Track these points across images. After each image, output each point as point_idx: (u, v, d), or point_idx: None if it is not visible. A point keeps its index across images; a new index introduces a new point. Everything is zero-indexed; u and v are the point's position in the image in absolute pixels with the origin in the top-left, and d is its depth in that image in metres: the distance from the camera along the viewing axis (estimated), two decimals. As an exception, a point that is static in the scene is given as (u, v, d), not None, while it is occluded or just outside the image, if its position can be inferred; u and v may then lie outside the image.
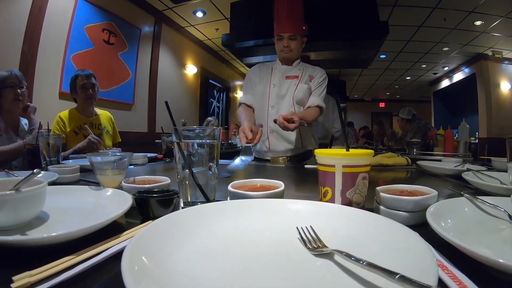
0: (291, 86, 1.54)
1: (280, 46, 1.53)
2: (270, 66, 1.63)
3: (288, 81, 1.56)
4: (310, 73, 1.57)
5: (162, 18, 3.91)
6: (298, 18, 1.54)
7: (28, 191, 0.42)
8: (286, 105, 1.53)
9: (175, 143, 0.52)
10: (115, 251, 0.35)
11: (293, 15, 1.51)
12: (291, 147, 1.54)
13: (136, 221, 0.50)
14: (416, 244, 0.29)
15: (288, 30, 1.49)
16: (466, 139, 1.78)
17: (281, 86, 1.55)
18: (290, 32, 1.49)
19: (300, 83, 1.54)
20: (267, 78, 1.59)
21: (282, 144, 1.54)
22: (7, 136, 1.51)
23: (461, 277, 0.29)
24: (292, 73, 1.57)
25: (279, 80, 1.56)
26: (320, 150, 0.49)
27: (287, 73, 1.57)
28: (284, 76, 1.57)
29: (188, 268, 0.28)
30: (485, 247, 0.36)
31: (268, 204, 0.44)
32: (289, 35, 1.49)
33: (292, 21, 1.50)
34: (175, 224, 0.36)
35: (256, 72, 1.65)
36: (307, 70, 1.59)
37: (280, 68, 1.59)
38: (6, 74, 1.51)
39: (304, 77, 1.56)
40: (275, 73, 1.59)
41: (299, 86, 1.53)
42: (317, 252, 0.31)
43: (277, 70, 1.59)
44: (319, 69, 1.61)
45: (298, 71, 1.57)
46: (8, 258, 0.34)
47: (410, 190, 0.53)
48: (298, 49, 1.56)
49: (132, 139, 3.28)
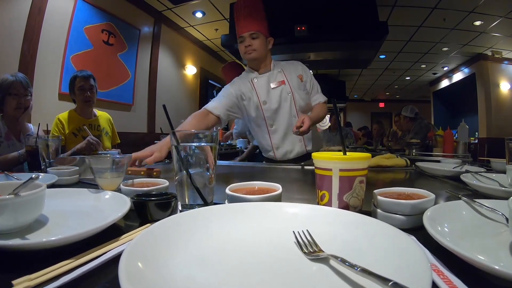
0: (283, 95, 1.47)
1: (242, 48, 1.45)
2: (249, 79, 1.50)
3: (277, 90, 1.47)
4: (297, 72, 1.52)
5: (161, 19, 3.91)
6: (258, 17, 1.46)
7: (27, 195, 0.42)
8: (284, 118, 1.49)
9: (172, 147, 0.53)
10: (113, 254, 0.35)
11: (251, 15, 1.44)
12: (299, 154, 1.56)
13: (134, 223, 0.50)
14: (411, 250, 0.29)
15: (247, 29, 1.42)
16: (466, 139, 1.79)
17: (271, 99, 1.47)
18: (249, 31, 1.42)
19: (294, 91, 1.48)
20: (252, 93, 1.47)
21: (290, 154, 1.56)
22: (7, 142, 1.50)
23: (457, 282, 0.29)
24: (275, 80, 1.49)
25: (266, 94, 1.47)
26: (317, 153, 0.49)
27: (270, 82, 1.48)
28: (269, 86, 1.48)
29: (184, 273, 0.29)
30: (481, 251, 0.36)
31: (265, 207, 0.45)
32: (249, 34, 1.42)
33: (250, 20, 1.44)
34: (172, 228, 0.36)
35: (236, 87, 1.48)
36: (288, 70, 1.52)
37: (261, 79, 1.48)
38: (11, 80, 1.50)
39: (292, 79, 1.49)
40: (258, 85, 1.48)
41: (296, 95, 1.48)
42: (313, 256, 0.32)
43: (258, 82, 1.48)
44: (297, 63, 1.57)
45: (280, 75, 1.49)
46: (7, 262, 0.34)
47: (408, 193, 0.53)
48: (263, 48, 1.45)
49: (132, 140, 3.28)
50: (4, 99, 1.50)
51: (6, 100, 1.50)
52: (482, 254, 0.35)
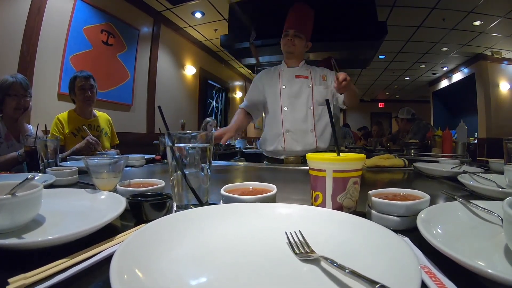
0: (304, 87, 1.59)
1: (284, 41, 1.59)
2: (277, 69, 1.69)
3: (299, 80, 1.60)
4: (320, 73, 1.63)
5: (160, 19, 3.91)
6: (307, 23, 1.62)
7: (24, 195, 0.42)
8: (301, 104, 1.58)
9: (167, 147, 0.53)
10: (107, 254, 0.36)
11: (302, 18, 1.61)
12: (306, 147, 1.57)
13: (130, 223, 0.51)
14: (402, 251, 0.29)
15: (294, 27, 1.57)
16: (464, 140, 1.79)
17: (292, 86, 1.60)
18: (296, 29, 1.56)
19: (315, 85, 1.59)
20: (276, 80, 1.64)
21: (298, 144, 1.57)
22: (7, 143, 1.51)
23: (449, 284, 0.29)
24: (300, 73, 1.62)
25: (288, 81, 1.61)
26: (311, 154, 0.49)
27: (295, 73, 1.62)
28: (293, 76, 1.61)
29: (176, 273, 0.29)
30: (475, 254, 0.35)
31: (259, 208, 0.45)
32: (294, 31, 1.56)
33: (299, 21, 1.59)
34: (165, 228, 0.36)
35: (262, 77, 1.71)
36: (315, 71, 1.64)
37: (287, 70, 1.64)
38: (11, 81, 1.51)
39: (315, 77, 1.61)
40: (283, 74, 1.64)
41: (315, 89, 1.59)
42: (304, 257, 0.32)
43: (284, 72, 1.64)
44: (326, 70, 1.67)
45: (306, 71, 1.63)
46: (4, 260, 0.35)
47: (403, 194, 0.53)
48: (302, 48, 1.61)
49: (131, 140, 3.28)
50: (4, 100, 1.51)
51: (5, 101, 1.51)
52: (476, 256, 0.35)
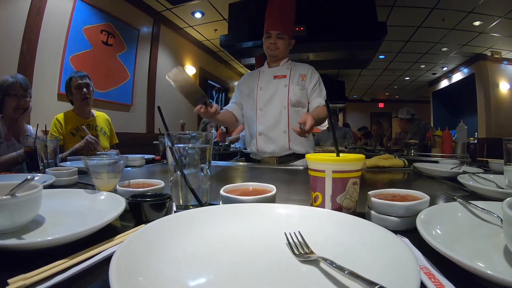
0: (280, 87, 1.56)
1: (267, 43, 1.56)
2: (258, 71, 1.68)
3: (276, 81, 1.58)
4: (301, 72, 1.59)
5: (160, 19, 3.91)
6: (288, 19, 1.58)
7: (24, 196, 0.42)
8: (275, 105, 1.56)
9: (167, 148, 0.53)
10: (106, 254, 0.36)
11: (283, 15, 1.56)
12: (277, 149, 1.56)
13: (130, 224, 0.51)
14: (401, 252, 0.29)
15: (276, 28, 1.53)
16: (464, 140, 1.78)
17: (268, 87, 1.58)
18: (278, 30, 1.53)
19: (291, 84, 1.55)
20: (255, 82, 1.63)
21: (269, 146, 1.57)
22: (7, 143, 1.51)
23: (448, 285, 0.28)
24: (279, 73, 1.60)
25: (266, 83, 1.59)
26: (310, 155, 0.49)
27: (274, 73, 1.60)
28: (272, 76, 1.60)
29: (175, 273, 0.29)
30: (475, 255, 0.35)
31: (258, 208, 0.45)
32: (277, 33, 1.53)
33: (281, 20, 1.54)
34: (164, 229, 0.36)
35: (245, 80, 1.71)
36: (296, 69, 1.60)
37: (268, 71, 1.63)
38: (11, 82, 1.51)
39: (294, 76, 1.57)
40: (262, 76, 1.63)
41: (291, 88, 1.55)
42: (303, 258, 0.32)
43: (264, 73, 1.63)
44: (308, 66, 1.63)
45: (286, 70, 1.60)
46: (3, 261, 0.35)
47: (403, 194, 0.53)
48: (285, 48, 1.59)
49: (131, 140, 3.28)
50: (4, 100, 1.51)
51: (5, 101, 1.51)
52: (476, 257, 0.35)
